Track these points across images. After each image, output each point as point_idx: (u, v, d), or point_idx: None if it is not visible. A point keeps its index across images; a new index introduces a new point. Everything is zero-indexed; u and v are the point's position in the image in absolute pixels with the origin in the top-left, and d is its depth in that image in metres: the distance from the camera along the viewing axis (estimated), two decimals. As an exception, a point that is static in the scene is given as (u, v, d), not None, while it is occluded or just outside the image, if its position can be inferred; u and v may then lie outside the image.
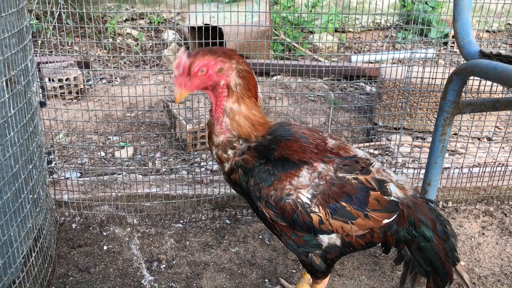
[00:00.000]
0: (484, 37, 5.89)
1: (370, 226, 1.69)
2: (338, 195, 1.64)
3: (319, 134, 1.80)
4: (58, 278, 2.23)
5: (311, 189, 1.63)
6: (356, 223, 1.65)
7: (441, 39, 4.81)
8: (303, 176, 1.65)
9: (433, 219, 1.77)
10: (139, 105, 3.76)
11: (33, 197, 1.91)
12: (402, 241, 1.78)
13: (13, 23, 1.68)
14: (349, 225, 1.65)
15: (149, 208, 2.68)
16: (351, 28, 6.00)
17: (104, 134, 3.44)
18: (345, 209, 1.64)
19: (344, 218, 1.64)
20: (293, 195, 1.63)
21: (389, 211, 1.69)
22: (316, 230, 1.66)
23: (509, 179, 2.94)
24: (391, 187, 1.73)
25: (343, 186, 1.65)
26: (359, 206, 1.65)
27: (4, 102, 1.61)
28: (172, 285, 2.22)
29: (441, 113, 2.06)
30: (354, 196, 1.65)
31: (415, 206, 1.76)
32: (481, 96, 3.10)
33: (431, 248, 1.77)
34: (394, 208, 1.70)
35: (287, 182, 1.65)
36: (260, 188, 1.66)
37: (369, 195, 1.66)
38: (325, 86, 4.49)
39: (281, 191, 1.64)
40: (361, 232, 1.70)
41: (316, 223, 1.64)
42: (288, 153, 1.67)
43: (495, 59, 1.85)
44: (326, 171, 1.66)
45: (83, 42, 4.44)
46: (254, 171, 1.69)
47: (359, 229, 1.67)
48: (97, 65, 4.71)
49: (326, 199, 1.63)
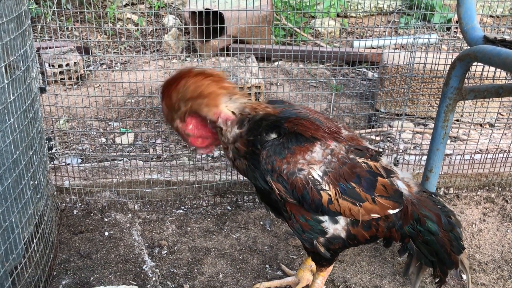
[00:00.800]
0: (488, 22, 5.83)
1: (376, 212, 1.68)
2: (348, 174, 1.64)
3: (333, 123, 1.80)
4: (59, 264, 2.24)
5: (323, 165, 1.63)
6: (364, 206, 1.65)
7: (445, 24, 4.76)
8: (316, 152, 1.65)
9: (438, 213, 1.77)
10: (140, 91, 3.74)
11: (34, 183, 1.91)
12: (407, 236, 1.79)
13: (12, 8, 1.66)
14: (357, 207, 1.65)
15: (150, 194, 2.68)
16: (353, 13, 5.94)
17: (105, 120, 3.44)
18: (355, 190, 1.64)
19: (352, 199, 1.64)
20: (305, 171, 1.62)
21: (394, 200, 1.68)
22: (324, 210, 1.65)
23: (511, 165, 2.93)
24: (398, 183, 1.73)
25: (354, 167, 1.65)
26: (368, 189, 1.65)
27: (4, 88, 1.60)
28: (173, 271, 2.23)
29: (443, 100, 2.05)
30: (363, 178, 1.65)
31: (419, 202, 1.76)
32: (484, 82, 3.08)
33: (436, 241, 1.77)
34: (399, 199, 1.69)
35: (300, 156, 1.64)
36: (273, 161, 1.64)
37: (377, 180, 1.66)
38: (326, 72, 4.46)
39: (294, 165, 1.63)
40: (367, 217, 1.69)
41: (325, 202, 1.63)
42: (300, 129, 1.67)
43: (499, 45, 1.83)
44: (338, 149, 1.66)
45: (83, 27, 4.40)
46: (267, 144, 1.67)
47: (366, 213, 1.67)
48: (97, 50, 4.68)
49: (337, 177, 1.63)
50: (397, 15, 5.86)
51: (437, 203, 1.81)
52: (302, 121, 1.69)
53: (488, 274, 2.27)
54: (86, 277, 2.16)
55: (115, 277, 2.17)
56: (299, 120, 1.69)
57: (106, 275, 2.18)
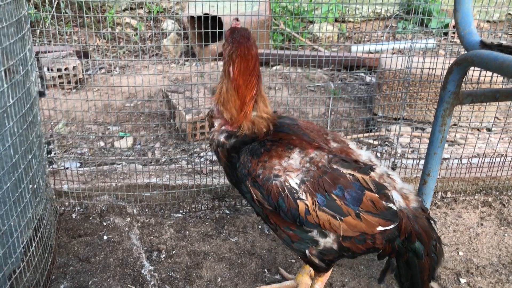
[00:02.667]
0: (484, 27, 5.86)
1: (361, 229, 1.60)
2: (329, 185, 1.56)
3: (323, 136, 1.75)
4: (58, 268, 2.24)
5: (300, 173, 1.57)
6: (346, 221, 1.57)
7: (442, 29, 4.78)
8: (294, 159, 1.60)
9: (429, 235, 1.69)
10: (139, 95, 3.75)
11: (33, 187, 1.91)
12: (395, 251, 1.72)
13: (11, 12, 1.67)
14: (337, 221, 1.56)
15: (149, 198, 2.69)
16: (351, 18, 5.97)
17: (104, 124, 3.44)
18: (335, 202, 1.56)
19: (332, 212, 1.56)
20: (282, 177, 1.57)
21: (385, 218, 1.60)
22: (302, 220, 1.58)
23: (508, 169, 2.94)
24: (393, 194, 1.66)
25: (336, 178, 1.57)
26: (351, 203, 1.56)
27: (3, 92, 1.60)
28: (171, 275, 2.23)
29: (441, 104, 2.06)
30: (346, 190, 1.56)
31: (415, 218, 1.68)
32: (481, 86, 3.09)
33: (417, 265, 1.71)
34: (392, 217, 1.61)
35: (276, 161, 1.59)
36: (249, 163, 1.61)
37: (364, 194, 1.57)
38: (324, 76, 4.48)
39: (270, 170, 1.58)
40: (352, 233, 1.60)
41: (302, 211, 1.56)
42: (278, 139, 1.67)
43: (496, 50, 1.84)
44: (319, 158, 1.60)
45: (82, 32, 4.41)
46: (245, 148, 1.66)
47: (349, 229, 1.59)
48: (96, 54, 4.69)
49: (315, 187, 1.56)
50: (395, 20, 5.88)
51: (431, 227, 1.74)
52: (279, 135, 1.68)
53: (486, 278, 2.27)
54: (85, 281, 2.16)
55: (114, 281, 2.17)
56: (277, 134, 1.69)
57: (104, 279, 2.18)
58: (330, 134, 1.80)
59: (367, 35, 5.47)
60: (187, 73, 4.15)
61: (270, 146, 1.64)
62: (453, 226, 2.64)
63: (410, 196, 1.73)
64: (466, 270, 2.32)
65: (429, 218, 1.75)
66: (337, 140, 1.78)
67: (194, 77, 4.03)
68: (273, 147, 1.63)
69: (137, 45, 3.79)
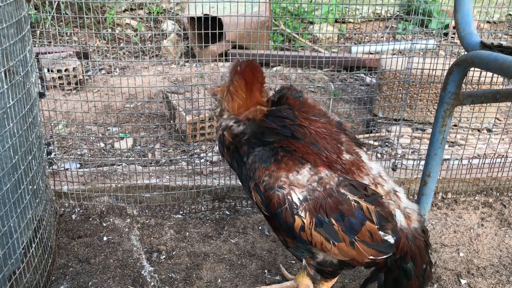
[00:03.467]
0: (485, 28, 5.86)
1: (352, 256, 1.59)
2: (330, 209, 1.54)
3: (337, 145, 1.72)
4: (58, 269, 2.24)
5: (305, 191, 1.56)
6: (339, 246, 1.56)
7: (442, 30, 4.79)
8: (303, 175, 1.58)
9: (423, 258, 1.69)
10: (139, 96, 3.75)
11: (33, 188, 1.91)
12: (386, 266, 1.70)
13: (11, 13, 1.67)
14: (330, 244, 1.55)
15: (148, 199, 2.68)
16: (351, 18, 5.97)
17: (104, 125, 3.44)
18: (332, 227, 1.54)
19: (327, 235, 1.54)
20: (285, 190, 1.56)
21: (379, 250, 1.58)
22: (295, 234, 1.58)
23: (508, 170, 2.94)
24: (397, 213, 1.65)
25: (340, 203, 1.55)
26: (348, 230, 1.54)
27: (3, 93, 1.60)
28: (172, 276, 2.22)
29: (441, 105, 2.06)
30: (347, 217, 1.54)
31: (413, 239, 1.67)
32: (481, 87, 3.09)
33: (405, 285, 1.70)
34: (386, 250, 1.59)
35: (284, 174, 1.58)
36: (256, 168, 1.60)
37: (364, 224, 1.55)
38: (325, 77, 4.48)
39: (275, 180, 1.57)
40: (341, 257, 1.60)
41: (297, 227, 1.55)
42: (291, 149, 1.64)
43: (496, 50, 1.84)
44: (328, 179, 1.58)
45: (82, 33, 4.41)
46: (256, 151, 1.66)
47: (339, 253, 1.58)
48: (96, 55, 4.69)
49: (317, 207, 1.54)
50: (395, 20, 5.89)
51: (427, 248, 1.73)
52: (296, 145, 1.65)
53: (487, 279, 2.27)
54: (85, 282, 2.16)
55: (114, 282, 2.17)
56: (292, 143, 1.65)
57: (104, 280, 2.18)
58: (345, 143, 1.76)
59: (367, 35, 5.47)
60: (187, 74, 4.15)
61: (282, 158, 1.62)
62: (453, 227, 2.64)
63: (413, 216, 1.71)
64: (466, 271, 2.31)
65: (427, 241, 1.74)
66: (350, 151, 1.74)
67: (194, 78, 4.02)
68: (284, 159, 1.61)
69: (137, 46, 3.79)
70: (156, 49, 4.83)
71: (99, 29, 4.83)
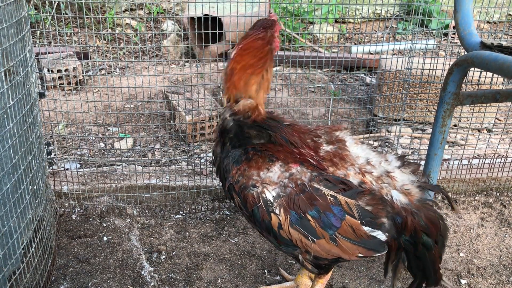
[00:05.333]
0: (485, 28, 5.86)
1: (337, 254, 1.55)
2: (304, 204, 1.52)
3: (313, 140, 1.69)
4: (58, 269, 2.24)
5: (277, 188, 1.55)
6: (319, 243, 1.53)
7: (442, 30, 4.78)
8: (274, 172, 1.57)
9: (437, 226, 1.63)
10: (139, 96, 3.75)
11: (33, 188, 1.91)
12: (402, 247, 1.66)
13: (11, 13, 1.67)
14: (309, 241, 1.53)
15: (148, 199, 2.68)
16: (351, 18, 5.97)
17: (104, 125, 3.44)
18: (309, 223, 1.51)
19: (304, 232, 1.52)
20: (259, 188, 1.56)
21: (368, 247, 1.54)
22: (275, 233, 1.56)
23: (508, 170, 2.94)
24: (394, 194, 1.61)
25: (314, 198, 1.52)
26: (327, 226, 1.51)
27: (3, 93, 1.60)
28: (172, 276, 2.22)
29: (441, 105, 2.06)
30: (323, 213, 1.51)
31: (419, 212, 1.61)
32: (481, 87, 3.09)
33: (428, 256, 1.65)
34: (376, 247, 1.55)
35: (255, 172, 1.58)
36: (230, 169, 1.61)
37: (344, 219, 1.51)
38: (325, 77, 4.48)
39: (248, 179, 1.57)
40: (326, 255, 1.56)
41: (275, 225, 1.54)
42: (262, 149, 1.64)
43: (496, 50, 1.84)
44: (299, 175, 1.56)
45: (82, 33, 4.42)
46: (230, 153, 1.66)
47: (322, 250, 1.54)
48: (96, 55, 4.69)
49: (290, 204, 1.52)
50: (395, 21, 5.89)
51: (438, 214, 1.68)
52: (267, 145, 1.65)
53: (487, 279, 2.27)
54: (85, 282, 2.16)
55: (114, 282, 2.17)
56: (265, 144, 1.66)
57: (104, 280, 2.18)
58: (325, 135, 1.74)
59: (367, 36, 5.47)
60: (187, 74, 4.14)
61: (252, 156, 1.62)
62: (453, 227, 2.64)
63: (413, 190, 1.65)
64: (466, 271, 2.31)
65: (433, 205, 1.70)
66: (332, 141, 1.71)
67: (194, 78, 4.02)
68: (254, 157, 1.61)
69: (137, 46, 3.80)
70: (156, 49, 4.83)
71: (99, 29, 4.83)
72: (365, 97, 3.92)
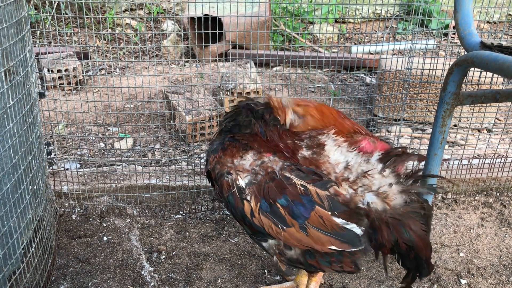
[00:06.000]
0: (485, 28, 5.86)
1: (309, 245, 1.52)
2: (274, 192, 1.53)
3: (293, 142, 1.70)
4: (58, 269, 2.24)
5: (249, 175, 1.58)
6: (289, 232, 1.52)
7: (442, 30, 4.78)
8: (247, 160, 1.62)
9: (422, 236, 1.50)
10: (139, 96, 3.75)
11: (33, 188, 1.91)
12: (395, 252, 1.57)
13: (11, 13, 1.67)
14: (279, 229, 1.52)
15: (148, 199, 2.68)
16: (351, 18, 5.97)
17: (104, 125, 3.44)
18: (279, 211, 1.51)
19: (274, 219, 1.52)
20: (233, 175, 1.60)
21: (341, 240, 1.50)
22: (248, 221, 1.58)
23: (508, 170, 2.94)
24: (368, 197, 1.54)
25: (284, 187, 1.52)
26: (296, 215, 1.50)
27: (3, 93, 1.60)
28: (172, 276, 2.22)
29: (441, 105, 2.06)
30: (292, 201, 1.50)
31: (401, 218, 1.50)
32: (481, 87, 3.09)
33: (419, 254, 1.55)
34: (352, 241, 1.50)
35: (229, 159, 1.63)
36: (208, 157, 1.70)
37: (313, 209, 1.49)
38: (325, 77, 4.48)
39: (222, 166, 1.63)
40: (298, 245, 1.54)
41: (247, 212, 1.56)
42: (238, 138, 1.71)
43: (496, 50, 1.84)
44: (271, 163, 1.58)
45: (82, 33, 4.42)
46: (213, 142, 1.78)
47: (292, 239, 1.53)
48: (96, 55, 4.69)
49: (260, 191, 1.54)
50: (395, 21, 5.89)
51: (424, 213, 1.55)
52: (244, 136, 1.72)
53: (487, 279, 2.27)
54: (85, 282, 2.16)
55: (114, 282, 2.17)
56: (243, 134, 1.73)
57: (104, 280, 2.18)
58: (308, 139, 1.71)
59: (367, 36, 5.47)
60: (187, 74, 4.15)
61: (227, 146, 1.69)
62: (453, 227, 2.64)
63: (390, 194, 1.54)
64: (466, 271, 2.31)
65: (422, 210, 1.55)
66: (312, 146, 1.68)
67: (194, 78, 4.03)
68: (229, 146, 1.68)
69: (137, 46, 3.80)
70: (156, 49, 4.83)
71: (99, 29, 4.83)
72: (365, 97, 3.92)
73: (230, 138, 1.72)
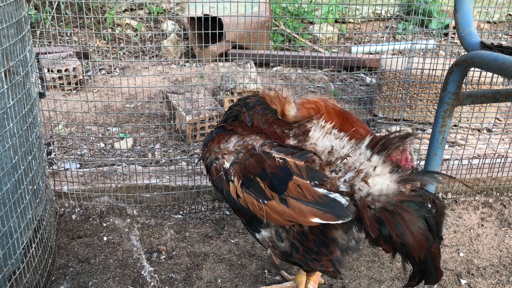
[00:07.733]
0: (485, 28, 5.86)
1: (292, 217, 1.46)
2: (253, 167, 1.52)
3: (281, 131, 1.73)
4: (58, 269, 2.24)
5: (232, 156, 1.62)
6: (270, 205, 1.48)
7: (442, 30, 4.78)
8: (231, 142, 1.67)
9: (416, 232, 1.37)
10: (139, 96, 3.75)
11: (33, 188, 1.91)
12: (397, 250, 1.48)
13: (11, 13, 1.67)
14: (260, 204, 1.50)
15: (148, 199, 2.68)
16: (351, 18, 5.97)
17: (104, 125, 3.44)
18: (259, 185, 1.49)
19: (256, 194, 1.50)
20: (220, 160, 1.65)
21: (323, 209, 1.41)
22: (236, 203, 1.58)
23: (508, 170, 2.94)
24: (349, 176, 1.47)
25: (262, 161, 1.51)
26: (275, 186, 1.47)
27: (3, 93, 1.60)
28: (172, 276, 2.22)
29: (441, 105, 2.06)
30: (269, 173, 1.48)
31: (393, 208, 1.38)
32: (481, 87, 3.09)
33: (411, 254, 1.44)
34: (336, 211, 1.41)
35: (217, 145, 1.69)
36: (201, 150, 1.78)
37: (291, 179, 1.44)
38: (325, 77, 4.48)
39: (211, 153, 1.69)
40: (281, 220, 1.49)
41: (233, 193, 1.57)
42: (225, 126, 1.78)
43: (496, 50, 1.84)
44: (252, 141, 1.62)
45: (82, 33, 4.41)
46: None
47: (274, 213, 1.48)
48: (96, 55, 4.69)
49: (242, 169, 1.55)
50: (395, 21, 5.89)
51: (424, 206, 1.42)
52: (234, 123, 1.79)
53: (487, 279, 2.27)
54: (85, 282, 2.16)
55: (114, 282, 2.17)
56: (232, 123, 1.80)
57: (104, 280, 2.18)
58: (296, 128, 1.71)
59: (367, 36, 5.47)
60: (187, 74, 4.15)
61: (215, 134, 1.76)
62: (453, 227, 2.64)
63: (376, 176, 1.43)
64: (466, 271, 2.31)
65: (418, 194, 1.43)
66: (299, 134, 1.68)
67: (194, 78, 4.03)
68: (217, 134, 1.75)
69: (137, 46, 3.80)
70: (156, 49, 4.83)
71: (99, 29, 4.83)
72: (365, 97, 3.92)
73: (219, 129, 1.79)
